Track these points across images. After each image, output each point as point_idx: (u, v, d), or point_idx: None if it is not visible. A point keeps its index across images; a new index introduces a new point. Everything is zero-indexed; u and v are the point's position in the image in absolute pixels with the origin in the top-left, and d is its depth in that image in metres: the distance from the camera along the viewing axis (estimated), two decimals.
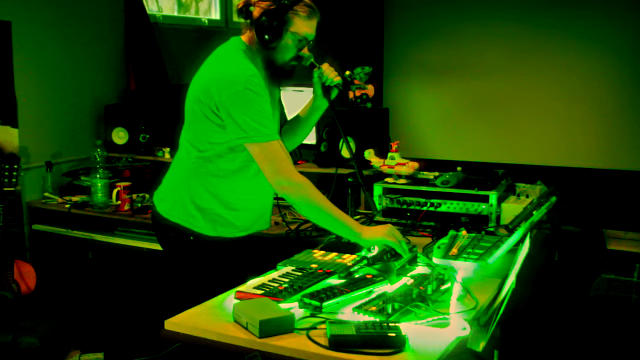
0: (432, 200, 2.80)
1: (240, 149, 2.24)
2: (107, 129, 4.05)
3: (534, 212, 2.43)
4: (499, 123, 4.93)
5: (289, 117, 2.65)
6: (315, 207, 2.18)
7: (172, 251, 2.47)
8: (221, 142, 2.25)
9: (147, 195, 3.60)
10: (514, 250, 2.15)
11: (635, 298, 3.74)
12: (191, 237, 2.35)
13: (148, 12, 4.36)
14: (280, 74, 2.31)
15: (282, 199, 2.29)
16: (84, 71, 4.03)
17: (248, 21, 2.27)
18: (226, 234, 2.37)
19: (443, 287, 1.94)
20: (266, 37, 2.21)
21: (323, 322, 1.73)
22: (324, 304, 1.81)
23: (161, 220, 2.40)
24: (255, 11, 2.23)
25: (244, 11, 2.26)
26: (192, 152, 2.33)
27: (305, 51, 2.29)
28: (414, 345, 1.62)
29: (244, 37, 2.32)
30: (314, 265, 2.15)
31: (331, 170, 2.86)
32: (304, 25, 2.23)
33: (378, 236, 2.16)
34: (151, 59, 4.28)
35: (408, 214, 2.81)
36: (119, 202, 3.50)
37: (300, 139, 2.60)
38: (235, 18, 2.26)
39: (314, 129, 3.49)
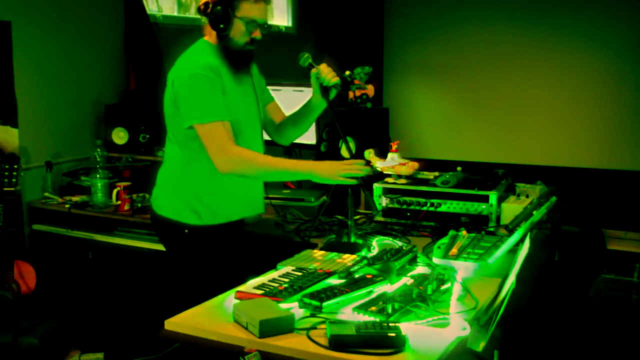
0: (432, 200, 2.80)
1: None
2: (107, 129, 4.05)
3: (534, 212, 2.43)
4: (499, 123, 4.93)
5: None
6: (261, 170, 2.30)
7: (171, 246, 2.52)
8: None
9: (147, 195, 3.59)
10: (514, 250, 2.15)
11: (635, 298, 3.74)
12: (186, 230, 2.41)
13: (148, 12, 4.35)
14: (239, 60, 2.37)
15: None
16: (84, 71, 4.02)
17: (207, 19, 2.36)
18: (212, 221, 2.41)
19: (443, 287, 1.94)
20: (218, 25, 2.30)
21: (323, 322, 1.73)
22: (324, 304, 1.81)
23: (157, 217, 2.47)
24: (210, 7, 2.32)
25: (203, 10, 2.34)
26: (172, 145, 2.41)
27: (257, 34, 2.34)
28: (414, 345, 1.62)
29: (207, 37, 2.41)
30: (314, 265, 2.16)
31: None
32: (251, 9, 2.31)
33: (333, 173, 2.22)
34: (151, 59, 4.28)
35: (408, 214, 2.81)
36: (119, 202, 3.49)
37: (298, 133, 2.63)
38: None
39: (314, 129, 3.50)
